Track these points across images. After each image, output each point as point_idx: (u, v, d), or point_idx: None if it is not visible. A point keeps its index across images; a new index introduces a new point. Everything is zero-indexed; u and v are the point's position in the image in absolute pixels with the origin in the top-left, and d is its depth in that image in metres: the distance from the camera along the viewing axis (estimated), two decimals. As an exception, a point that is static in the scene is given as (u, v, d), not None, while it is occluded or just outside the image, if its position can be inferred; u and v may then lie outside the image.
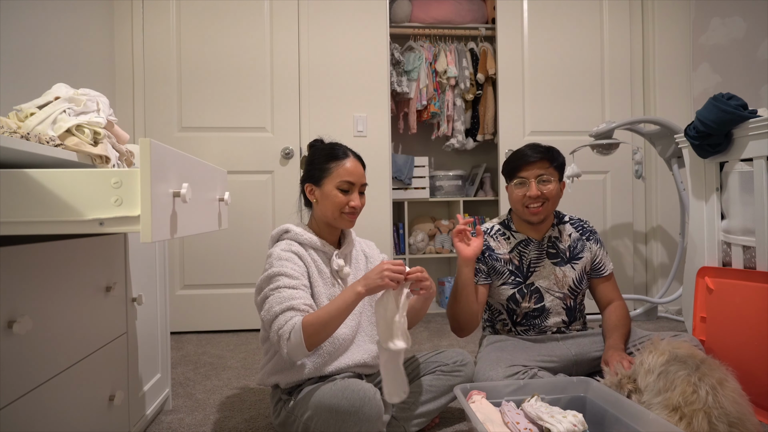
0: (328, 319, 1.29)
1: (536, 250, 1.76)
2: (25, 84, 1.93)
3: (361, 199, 1.53)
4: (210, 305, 2.84)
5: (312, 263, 1.47)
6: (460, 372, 1.52)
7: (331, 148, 1.54)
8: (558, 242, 1.78)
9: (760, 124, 1.63)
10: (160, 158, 0.90)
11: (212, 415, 1.69)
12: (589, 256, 1.78)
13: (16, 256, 0.91)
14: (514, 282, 1.75)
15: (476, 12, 3.38)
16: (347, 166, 1.49)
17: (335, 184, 1.48)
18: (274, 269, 1.38)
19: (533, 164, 1.69)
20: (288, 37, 2.91)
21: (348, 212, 1.49)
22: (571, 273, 1.76)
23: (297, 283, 1.37)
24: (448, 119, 3.35)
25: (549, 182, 1.68)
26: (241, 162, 2.87)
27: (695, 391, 1.25)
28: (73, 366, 1.09)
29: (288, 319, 1.29)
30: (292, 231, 1.51)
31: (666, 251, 3.21)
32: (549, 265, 1.76)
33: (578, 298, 1.79)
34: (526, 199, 1.69)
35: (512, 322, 1.79)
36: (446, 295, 3.39)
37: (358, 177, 1.50)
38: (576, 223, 1.83)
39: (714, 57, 3.00)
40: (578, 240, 1.79)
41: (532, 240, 1.77)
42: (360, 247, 1.64)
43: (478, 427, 1.22)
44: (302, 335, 1.26)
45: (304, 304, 1.33)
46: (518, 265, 1.76)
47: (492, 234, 1.81)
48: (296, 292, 1.35)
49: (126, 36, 2.80)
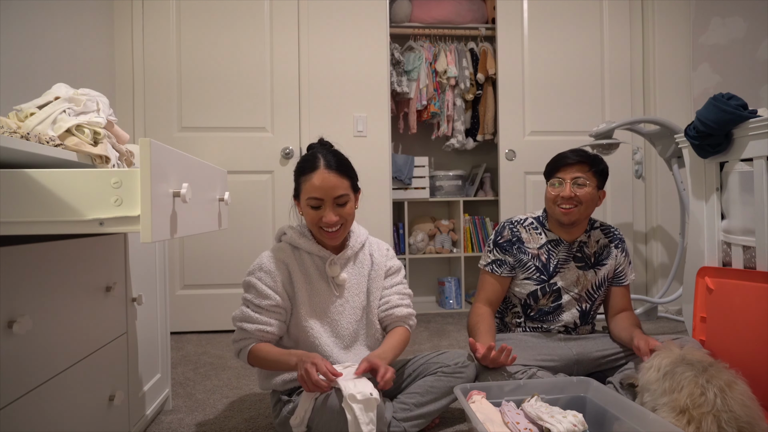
0: (269, 364, 1.41)
1: (565, 252, 1.77)
2: (25, 84, 1.93)
3: (342, 210, 1.43)
4: (210, 305, 2.84)
5: (301, 269, 1.47)
6: (462, 373, 1.51)
7: (303, 159, 1.47)
8: (585, 247, 1.79)
9: (760, 124, 1.62)
10: (160, 158, 0.90)
11: (212, 415, 1.69)
12: (613, 263, 1.80)
13: (16, 256, 0.91)
14: (538, 279, 1.76)
15: (476, 12, 3.38)
16: (313, 181, 1.40)
17: (305, 201, 1.44)
18: (251, 280, 1.45)
19: (572, 166, 1.71)
20: (288, 37, 2.91)
21: (325, 228, 1.43)
22: (593, 278, 1.77)
23: (265, 303, 1.42)
24: (448, 119, 3.35)
25: (584, 186, 1.69)
26: (241, 162, 2.87)
27: (703, 393, 1.23)
28: (73, 366, 1.09)
29: (240, 339, 1.43)
30: (287, 234, 1.52)
31: (666, 251, 3.21)
32: (573, 268, 1.77)
33: (595, 303, 1.80)
34: (559, 198, 1.70)
35: (525, 315, 1.80)
36: (446, 295, 3.39)
37: (326, 191, 1.40)
38: (606, 230, 1.83)
39: (714, 57, 3.00)
40: (605, 247, 1.80)
41: (563, 241, 1.78)
42: (369, 249, 1.59)
43: (478, 427, 1.22)
44: (247, 360, 1.43)
45: (258, 330, 1.41)
46: (545, 263, 1.76)
47: (525, 225, 1.81)
48: (259, 316, 1.42)
49: (126, 36, 2.80)
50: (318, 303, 1.48)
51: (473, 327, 1.71)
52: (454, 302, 3.37)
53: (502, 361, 1.52)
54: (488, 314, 1.74)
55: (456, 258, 3.46)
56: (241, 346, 1.42)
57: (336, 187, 1.41)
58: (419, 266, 3.59)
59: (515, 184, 3.15)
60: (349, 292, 1.52)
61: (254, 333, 1.41)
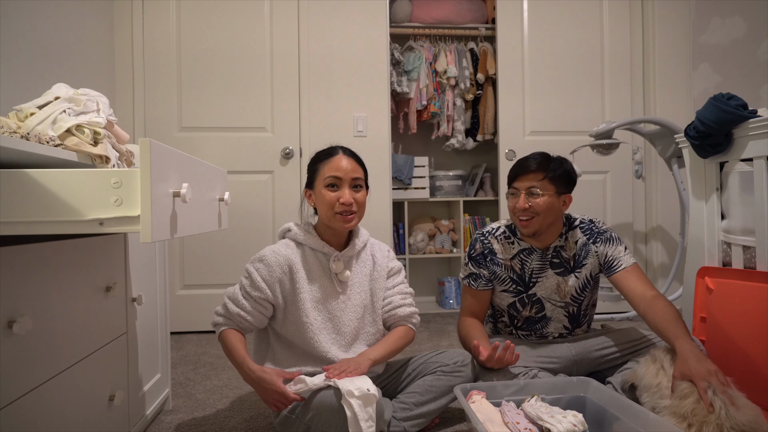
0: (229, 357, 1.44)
1: (539, 260, 1.71)
2: (25, 84, 1.93)
3: (357, 194, 1.49)
4: (210, 305, 2.82)
5: (304, 265, 1.49)
6: (461, 372, 1.51)
7: (322, 150, 1.55)
8: (563, 251, 1.71)
9: (760, 124, 1.62)
10: (160, 158, 0.90)
11: (212, 415, 1.69)
12: (595, 261, 1.71)
13: (16, 256, 0.91)
14: (515, 290, 1.72)
15: (476, 12, 3.38)
16: (332, 163, 1.48)
17: (323, 183, 1.48)
18: (250, 268, 1.48)
19: (527, 175, 1.63)
20: (288, 37, 2.91)
21: (340, 211, 1.46)
22: (574, 282, 1.71)
23: (254, 294, 1.45)
24: (448, 119, 3.35)
25: (539, 195, 1.61)
26: (241, 162, 2.87)
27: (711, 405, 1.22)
28: (73, 366, 1.09)
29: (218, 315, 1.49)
30: (292, 230, 1.55)
31: (666, 251, 3.21)
32: (552, 276, 1.71)
33: (582, 304, 1.75)
34: (516, 209, 1.65)
35: (513, 325, 1.79)
36: (446, 296, 3.39)
37: (346, 171, 1.47)
38: (585, 227, 1.74)
39: (714, 57, 3.00)
40: (584, 246, 1.71)
41: (536, 249, 1.71)
42: (371, 250, 1.62)
43: (478, 427, 1.22)
44: (218, 337, 1.48)
45: (238, 315, 1.45)
46: (519, 273, 1.71)
47: (497, 235, 1.75)
48: (245, 302, 1.46)
49: (126, 36, 2.80)
50: (320, 299, 1.49)
51: (465, 336, 1.70)
52: (454, 302, 3.37)
53: (507, 360, 1.51)
54: (477, 323, 1.73)
55: (456, 258, 3.46)
56: (217, 323, 1.49)
57: (354, 170, 1.49)
58: (419, 266, 3.59)
59: (515, 184, 3.15)
60: (352, 290, 1.53)
61: (234, 316, 1.46)
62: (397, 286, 1.61)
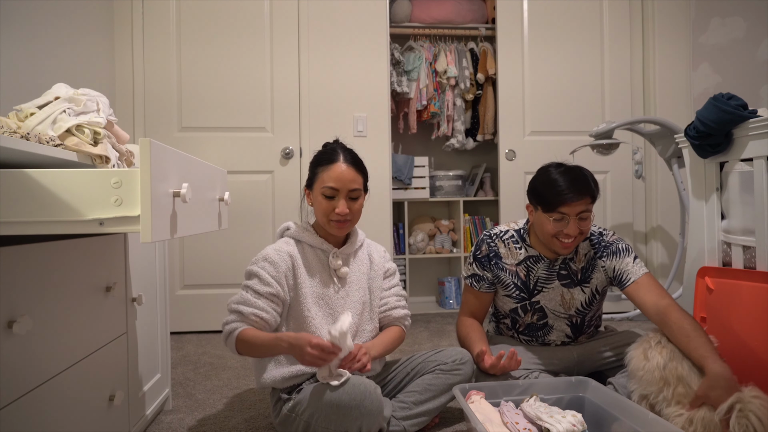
0: (256, 349, 1.39)
1: (546, 270, 1.68)
2: (25, 84, 1.93)
3: (353, 205, 1.49)
4: (210, 305, 2.84)
5: (303, 261, 1.50)
6: (460, 371, 1.52)
7: (324, 152, 1.54)
8: (572, 263, 1.69)
9: (760, 124, 1.62)
10: (160, 158, 0.90)
11: (212, 415, 1.69)
12: (602, 275, 1.69)
13: (16, 256, 0.91)
14: (518, 297, 1.71)
15: (476, 12, 3.38)
16: (331, 172, 1.47)
17: (321, 191, 1.48)
18: (254, 269, 1.45)
19: (577, 202, 1.56)
20: (288, 37, 2.91)
21: (335, 219, 1.48)
22: (580, 296, 1.69)
23: (265, 290, 1.42)
24: (448, 119, 3.35)
25: (587, 218, 1.58)
26: (241, 162, 2.87)
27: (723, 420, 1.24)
28: (73, 366, 1.09)
29: (231, 322, 1.41)
30: (292, 228, 1.57)
31: (666, 251, 3.21)
32: (558, 287, 1.69)
33: (587, 316, 1.74)
34: (562, 234, 1.58)
35: (515, 329, 1.78)
36: (446, 296, 3.39)
37: (343, 183, 1.47)
38: (595, 239, 1.70)
39: (714, 57, 3.00)
40: (591, 260, 1.69)
41: (544, 258, 1.68)
42: (368, 249, 1.64)
43: (477, 427, 1.22)
44: (234, 345, 1.40)
45: (253, 314, 1.40)
46: (524, 280, 1.69)
47: (504, 239, 1.72)
48: (257, 301, 1.41)
49: (126, 36, 2.80)
50: (320, 294, 1.51)
51: (464, 337, 1.70)
52: (454, 302, 3.37)
53: (511, 367, 1.52)
54: (476, 324, 1.74)
55: (456, 258, 3.46)
56: (232, 328, 1.40)
57: (352, 180, 1.48)
58: (419, 266, 3.59)
59: (515, 184, 3.15)
60: (350, 287, 1.55)
61: (249, 316, 1.40)
62: (393, 288, 1.64)
